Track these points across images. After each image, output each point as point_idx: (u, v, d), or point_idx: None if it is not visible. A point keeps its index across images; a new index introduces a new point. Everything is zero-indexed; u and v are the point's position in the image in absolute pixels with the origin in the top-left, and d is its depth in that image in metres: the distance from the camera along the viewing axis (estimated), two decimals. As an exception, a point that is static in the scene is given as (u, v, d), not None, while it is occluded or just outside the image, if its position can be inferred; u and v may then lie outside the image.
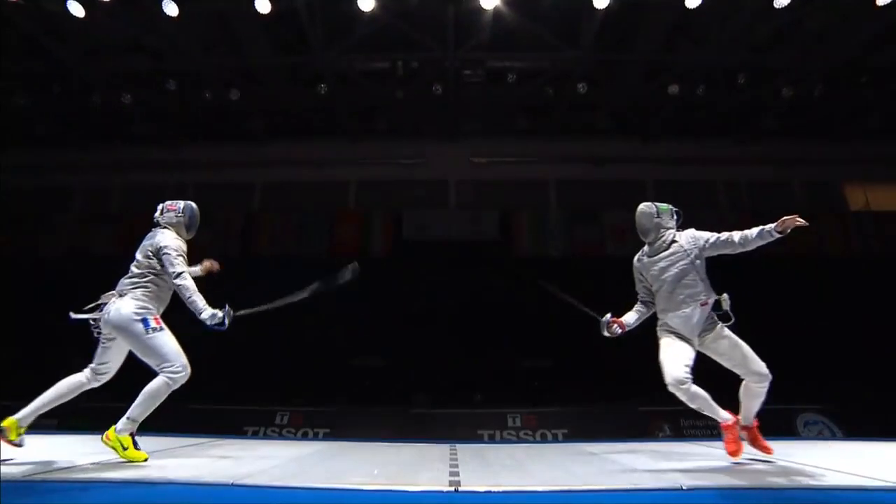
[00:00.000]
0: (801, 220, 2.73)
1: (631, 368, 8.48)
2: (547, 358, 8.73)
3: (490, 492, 2.30)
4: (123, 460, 2.92)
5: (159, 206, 3.38)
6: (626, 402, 7.71)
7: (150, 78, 9.42)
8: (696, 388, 2.88)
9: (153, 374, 3.03)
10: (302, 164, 11.33)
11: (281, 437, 7.08)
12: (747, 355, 3.02)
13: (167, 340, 3.05)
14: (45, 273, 9.89)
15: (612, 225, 11.01)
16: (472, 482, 2.52)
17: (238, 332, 3.27)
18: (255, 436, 6.96)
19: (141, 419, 3.00)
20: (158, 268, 3.13)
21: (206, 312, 2.99)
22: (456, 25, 8.39)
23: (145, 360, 3.05)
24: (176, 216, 3.34)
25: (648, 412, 7.55)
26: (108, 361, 3.14)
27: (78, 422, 5.96)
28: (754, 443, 3.03)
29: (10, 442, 2.95)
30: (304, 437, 7.08)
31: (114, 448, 2.93)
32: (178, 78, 9.35)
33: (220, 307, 3.01)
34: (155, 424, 3.20)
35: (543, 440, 6.89)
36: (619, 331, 3.21)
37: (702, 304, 3.00)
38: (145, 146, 11.15)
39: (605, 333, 3.24)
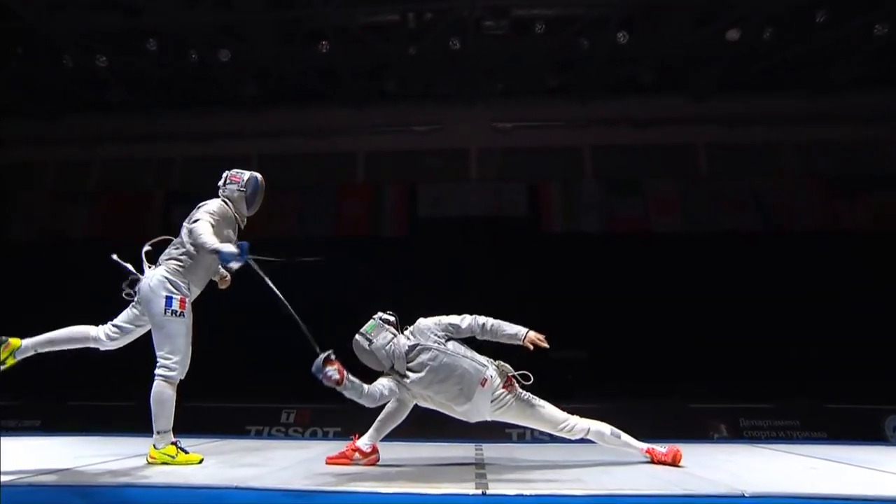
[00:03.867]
0: (544, 343, 3.26)
1: (679, 360, 8.42)
2: (582, 349, 8.71)
3: (521, 495, 2.32)
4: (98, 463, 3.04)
5: (224, 174, 3.44)
6: (674, 397, 7.65)
7: (127, 38, 9.42)
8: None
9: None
10: (302, 133, 11.36)
11: (287, 436, 7.26)
12: (541, 412, 3.19)
13: (182, 331, 3.15)
14: (13, 258, 10.07)
15: (657, 197, 10.87)
16: (501, 485, 2.54)
17: (238, 323, 3.32)
18: (258, 435, 7.16)
19: (169, 426, 3.12)
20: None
21: (222, 246, 2.98)
22: (475, -32, 8.24)
23: (154, 338, 3.16)
24: (238, 188, 3.39)
25: (701, 409, 7.48)
26: (127, 323, 3.21)
27: (62, 422, 6.18)
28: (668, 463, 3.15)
29: None
30: (313, 436, 7.25)
31: (164, 462, 3.06)
32: (159, 38, 9.36)
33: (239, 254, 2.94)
34: (151, 425, 3.30)
35: (581, 440, 6.91)
36: (337, 376, 2.73)
37: (482, 384, 3.05)
38: (124, 115, 11.23)
39: (320, 377, 2.73)
